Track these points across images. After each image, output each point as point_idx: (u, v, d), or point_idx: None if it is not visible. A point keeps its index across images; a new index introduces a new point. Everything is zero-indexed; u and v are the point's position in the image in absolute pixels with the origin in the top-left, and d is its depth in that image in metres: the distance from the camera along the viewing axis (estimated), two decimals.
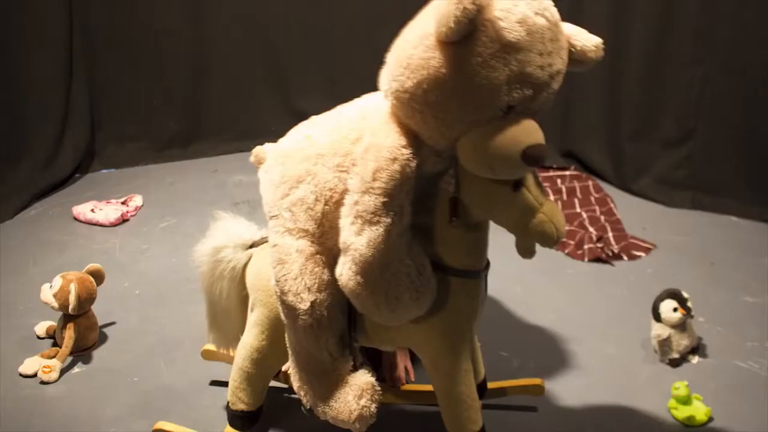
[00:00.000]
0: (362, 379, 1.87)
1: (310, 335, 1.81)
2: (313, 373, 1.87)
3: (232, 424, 2.06)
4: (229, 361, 2.17)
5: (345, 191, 1.69)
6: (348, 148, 1.72)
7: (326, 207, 1.74)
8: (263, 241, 2.00)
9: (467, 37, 1.47)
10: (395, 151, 1.61)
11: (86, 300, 2.47)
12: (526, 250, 1.71)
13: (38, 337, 2.58)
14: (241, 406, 2.02)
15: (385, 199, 1.62)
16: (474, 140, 1.56)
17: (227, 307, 2.07)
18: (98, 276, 2.55)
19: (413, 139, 1.63)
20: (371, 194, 1.61)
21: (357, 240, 1.64)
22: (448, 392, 1.87)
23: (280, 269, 1.77)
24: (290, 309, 1.79)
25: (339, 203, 1.71)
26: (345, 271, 1.68)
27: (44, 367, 2.37)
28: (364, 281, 1.67)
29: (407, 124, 1.63)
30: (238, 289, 2.03)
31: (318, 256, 1.78)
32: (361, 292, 1.69)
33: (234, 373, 2.02)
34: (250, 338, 1.96)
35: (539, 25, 1.51)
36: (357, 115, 1.78)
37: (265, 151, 1.88)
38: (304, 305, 1.77)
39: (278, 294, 1.80)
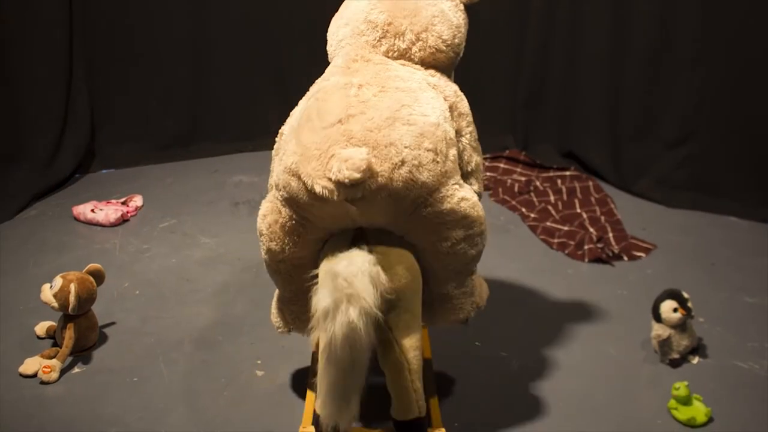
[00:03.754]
0: None
1: None
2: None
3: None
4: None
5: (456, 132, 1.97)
6: (440, 102, 1.92)
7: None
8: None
9: None
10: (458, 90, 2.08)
11: (86, 300, 2.47)
12: None
13: (38, 337, 2.58)
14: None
15: None
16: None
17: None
18: (98, 276, 2.55)
19: None
20: (472, 124, 2.04)
21: (480, 158, 2.07)
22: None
23: (482, 217, 1.91)
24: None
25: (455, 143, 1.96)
26: (477, 184, 2.03)
27: (44, 367, 2.36)
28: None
29: (444, 71, 2.08)
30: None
31: None
32: None
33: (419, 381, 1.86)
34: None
35: None
36: (417, 84, 1.94)
37: (364, 158, 1.68)
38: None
39: (483, 236, 1.92)
